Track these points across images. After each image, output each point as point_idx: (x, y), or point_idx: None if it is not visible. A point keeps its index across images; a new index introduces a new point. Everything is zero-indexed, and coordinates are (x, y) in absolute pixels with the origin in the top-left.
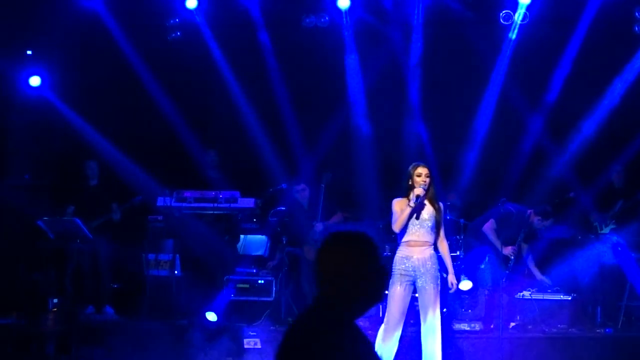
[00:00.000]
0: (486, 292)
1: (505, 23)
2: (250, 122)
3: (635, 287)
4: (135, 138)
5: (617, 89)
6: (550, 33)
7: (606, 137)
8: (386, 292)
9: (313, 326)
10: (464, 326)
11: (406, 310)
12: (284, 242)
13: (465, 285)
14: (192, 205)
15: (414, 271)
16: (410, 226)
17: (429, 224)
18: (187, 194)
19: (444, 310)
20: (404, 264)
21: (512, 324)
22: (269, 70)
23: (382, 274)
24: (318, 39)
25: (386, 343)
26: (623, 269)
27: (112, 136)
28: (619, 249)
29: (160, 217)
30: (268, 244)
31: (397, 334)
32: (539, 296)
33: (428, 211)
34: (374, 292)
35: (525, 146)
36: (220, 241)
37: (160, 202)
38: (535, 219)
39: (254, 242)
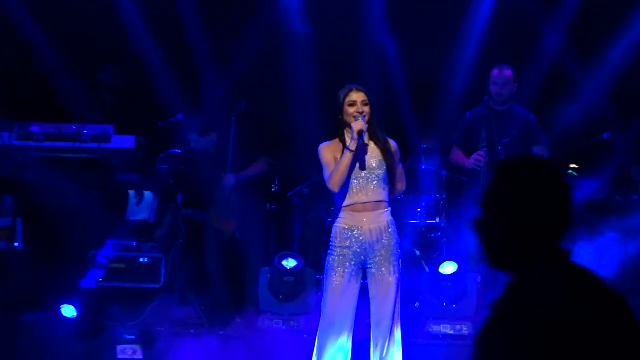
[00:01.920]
0: (479, 278)
1: None
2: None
3: None
4: None
5: None
6: None
7: None
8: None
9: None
10: (446, 329)
11: (354, 307)
12: (179, 201)
13: (448, 268)
14: (42, 144)
15: (363, 249)
16: (353, 182)
17: (381, 175)
18: (35, 127)
19: (416, 304)
20: (349, 238)
21: None
22: None
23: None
24: None
25: (328, 355)
26: None
27: None
28: None
29: None
30: (155, 204)
31: (345, 342)
32: None
33: (375, 156)
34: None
35: (538, 67)
36: (84, 199)
37: None
38: None
39: (135, 201)
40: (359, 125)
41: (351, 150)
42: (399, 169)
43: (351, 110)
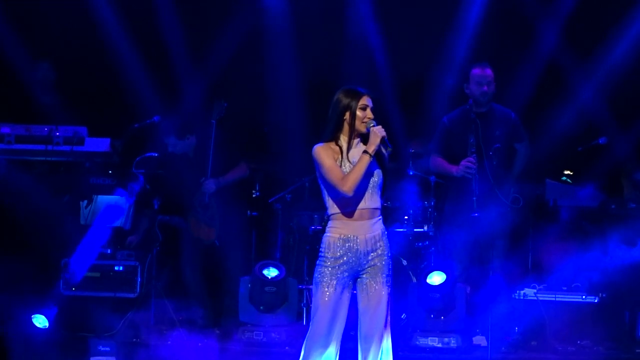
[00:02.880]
0: (468, 289)
1: None
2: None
3: None
4: None
5: None
6: None
7: None
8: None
9: None
10: (434, 342)
11: (344, 320)
12: (156, 207)
13: (436, 278)
14: (13, 147)
15: (357, 260)
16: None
17: (377, 182)
18: (5, 129)
19: (403, 316)
20: (342, 249)
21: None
22: None
23: None
24: None
25: None
26: None
27: None
28: None
29: None
30: (131, 210)
31: (331, 353)
32: (549, 296)
33: (373, 163)
34: None
35: (533, 67)
36: (56, 204)
37: None
38: None
39: (109, 206)
40: (382, 131)
41: (370, 155)
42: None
43: (362, 114)
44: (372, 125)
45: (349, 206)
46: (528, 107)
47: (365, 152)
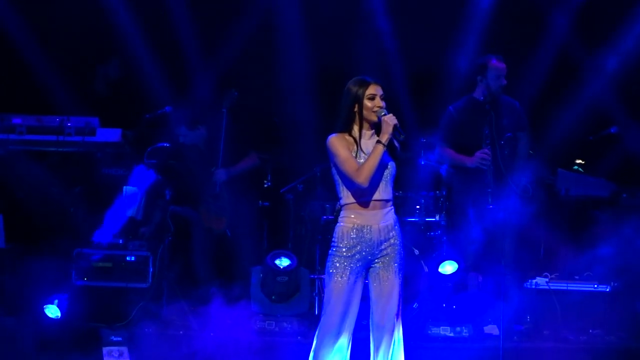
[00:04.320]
0: (480, 278)
1: None
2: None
3: None
4: None
5: None
6: None
7: None
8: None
9: None
10: (446, 331)
11: (357, 309)
12: (168, 197)
13: (448, 268)
14: (25, 137)
15: (369, 250)
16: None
17: (390, 172)
18: (16, 120)
19: (415, 305)
20: (356, 238)
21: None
22: None
23: None
24: None
25: (325, 358)
26: None
27: None
28: None
29: None
30: (142, 201)
31: (343, 344)
32: (561, 285)
33: (385, 152)
34: None
35: (544, 57)
36: (68, 195)
37: None
38: None
39: (121, 197)
40: (393, 119)
41: (384, 145)
42: None
43: (371, 103)
44: (383, 114)
45: (363, 196)
46: (540, 96)
47: (378, 141)
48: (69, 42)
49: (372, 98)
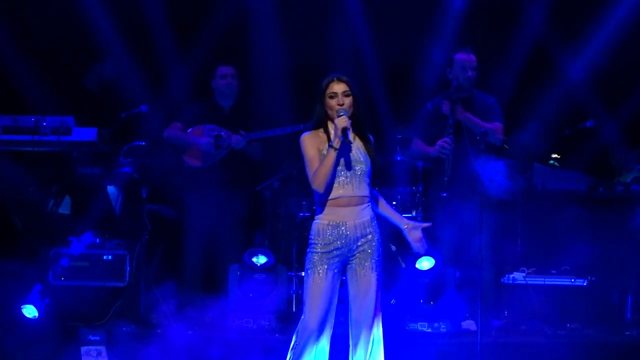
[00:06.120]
0: (457, 274)
1: None
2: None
3: None
4: None
5: None
6: None
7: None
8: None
9: None
10: (423, 327)
11: (335, 306)
12: (144, 196)
13: (425, 264)
14: (0, 138)
15: (346, 246)
16: (339, 176)
17: (365, 170)
18: None
19: (392, 302)
20: (332, 236)
21: (497, 323)
22: None
23: None
24: None
25: (304, 358)
26: None
27: None
28: None
29: None
30: (119, 199)
31: (323, 342)
32: (538, 280)
33: (360, 150)
34: None
35: (518, 50)
36: (43, 195)
37: None
38: None
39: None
40: (342, 122)
41: (335, 149)
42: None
43: (332, 102)
44: (341, 114)
45: (335, 193)
46: (515, 90)
47: (330, 146)
48: (42, 39)
49: (332, 96)
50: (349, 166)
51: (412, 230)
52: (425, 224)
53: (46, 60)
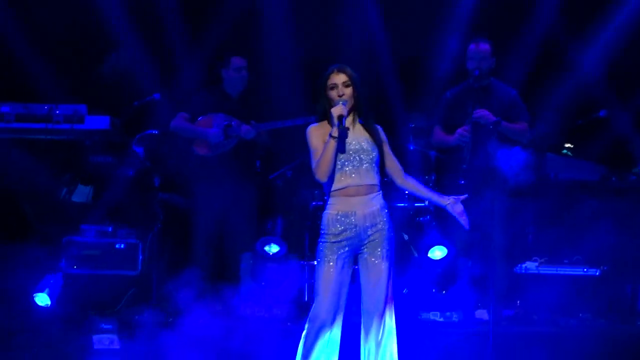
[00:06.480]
0: (469, 263)
1: None
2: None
3: None
4: None
5: None
6: None
7: None
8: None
9: None
10: (435, 316)
11: (346, 296)
12: (157, 184)
13: (438, 253)
14: (12, 125)
15: (356, 236)
16: (346, 164)
17: (373, 158)
18: (5, 108)
19: (405, 291)
20: (342, 225)
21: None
22: None
23: None
24: None
25: (316, 346)
26: None
27: None
28: None
29: None
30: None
31: (335, 330)
32: (551, 270)
33: (365, 138)
34: None
35: (530, 40)
36: (56, 183)
37: None
38: None
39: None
40: (337, 110)
41: (334, 137)
42: (390, 154)
43: (332, 93)
44: (336, 105)
45: (342, 182)
46: (528, 80)
47: (330, 135)
48: (55, 28)
49: (333, 88)
50: (354, 154)
51: (455, 206)
52: (463, 196)
53: (59, 48)
